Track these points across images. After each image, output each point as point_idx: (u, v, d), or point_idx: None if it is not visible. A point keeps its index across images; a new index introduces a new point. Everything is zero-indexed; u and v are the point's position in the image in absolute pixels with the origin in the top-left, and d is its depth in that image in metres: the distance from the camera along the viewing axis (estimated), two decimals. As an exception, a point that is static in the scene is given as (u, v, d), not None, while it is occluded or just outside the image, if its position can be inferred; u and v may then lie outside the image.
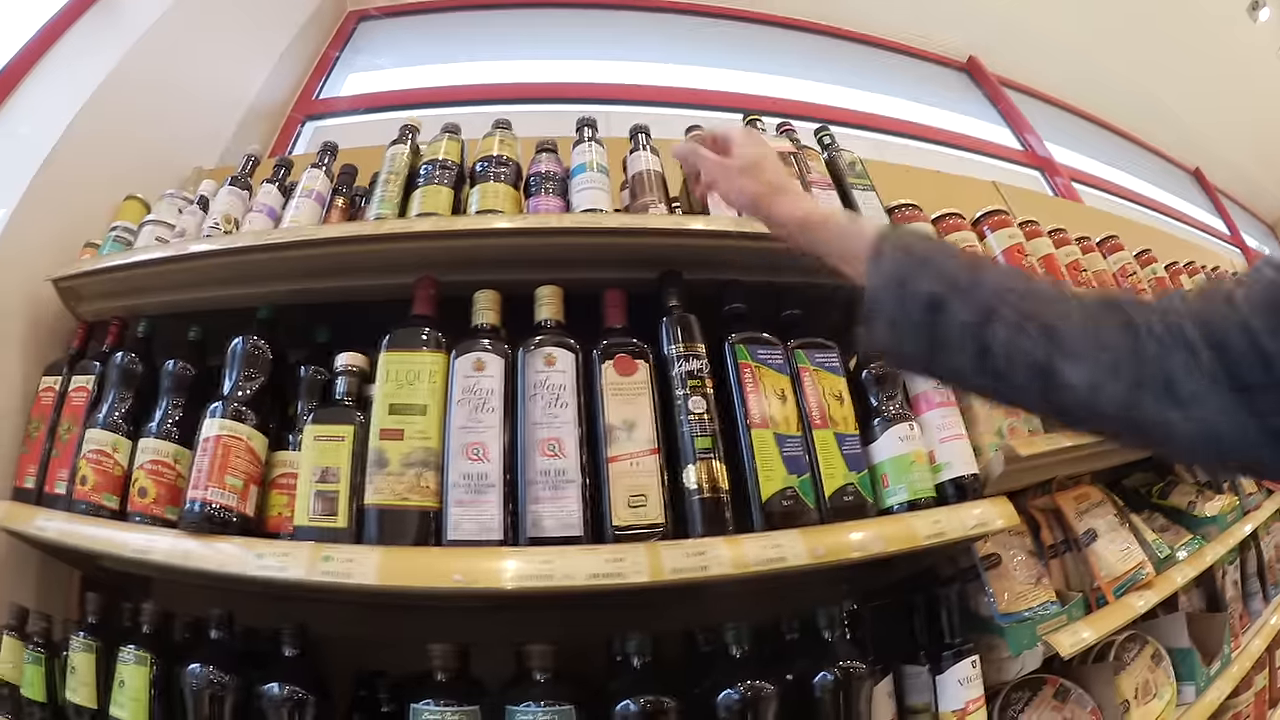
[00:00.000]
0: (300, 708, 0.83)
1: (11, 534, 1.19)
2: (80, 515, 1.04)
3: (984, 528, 0.86)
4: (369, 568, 0.75)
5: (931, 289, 0.53)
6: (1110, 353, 0.47)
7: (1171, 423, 0.45)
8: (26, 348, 1.29)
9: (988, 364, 0.50)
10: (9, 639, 1.16)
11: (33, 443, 1.22)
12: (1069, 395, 0.48)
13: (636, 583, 0.71)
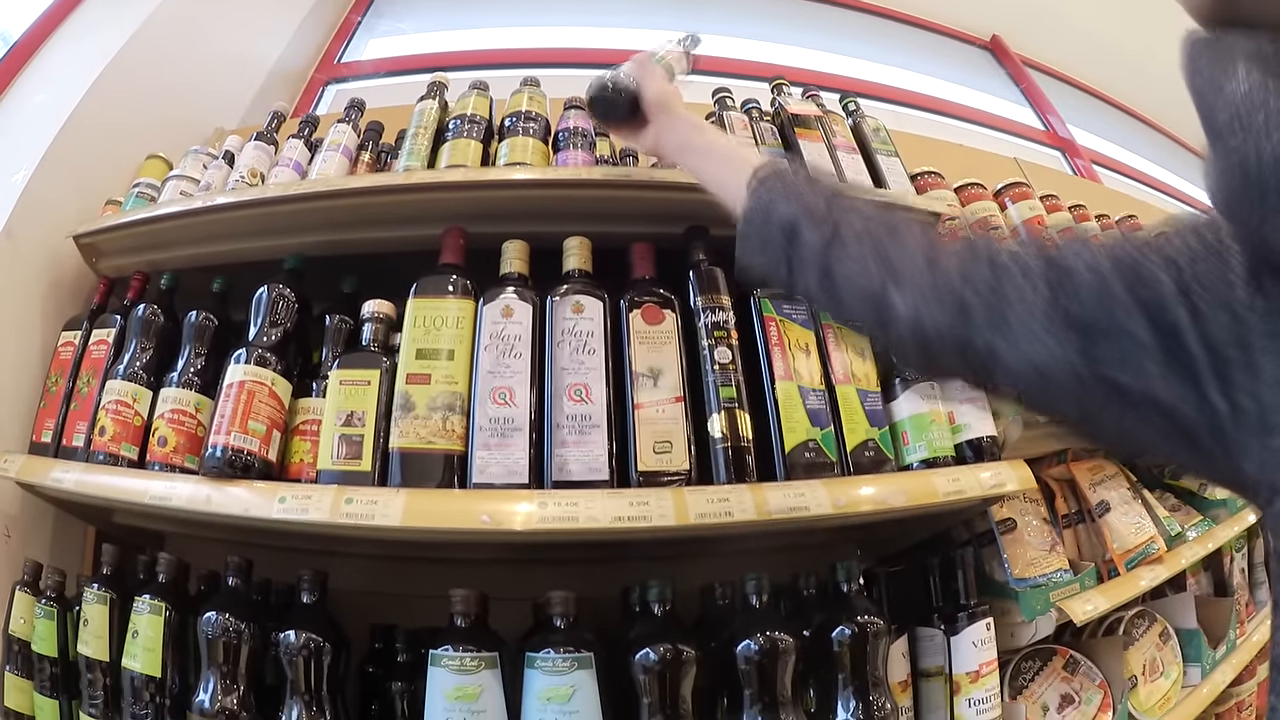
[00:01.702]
0: (317, 655, 0.83)
1: (27, 488, 1.19)
2: (98, 465, 1.04)
3: (1001, 488, 0.86)
4: (393, 509, 0.75)
5: (792, 214, 0.56)
6: (942, 278, 0.46)
7: (997, 351, 0.44)
8: (47, 305, 1.30)
9: (830, 287, 0.52)
10: (22, 595, 1.16)
11: (51, 397, 1.22)
12: (898, 323, 0.48)
13: (661, 526, 0.71)
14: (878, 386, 0.87)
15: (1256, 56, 0.35)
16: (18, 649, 1.15)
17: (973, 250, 0.47)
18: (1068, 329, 0.41)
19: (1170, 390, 0.39)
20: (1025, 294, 0.43)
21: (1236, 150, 0.34)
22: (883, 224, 0.53)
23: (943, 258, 0.47)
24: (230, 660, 0.87)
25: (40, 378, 1.26)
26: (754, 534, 0.82)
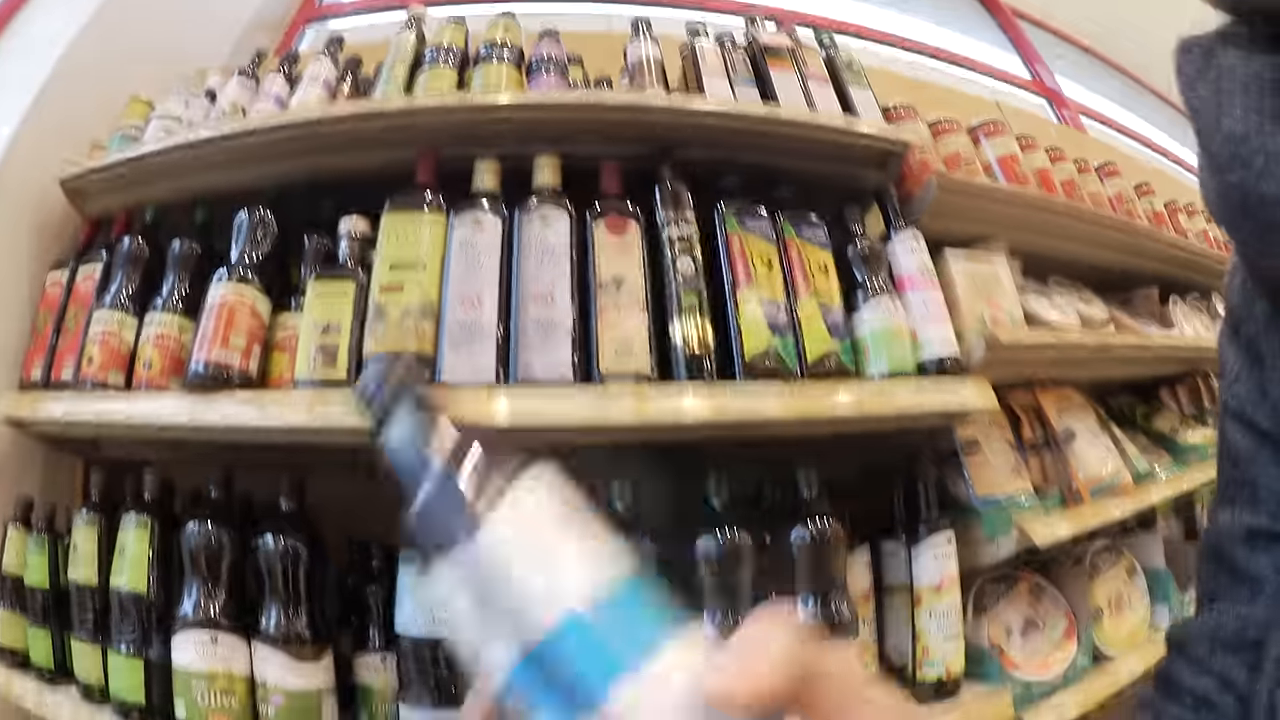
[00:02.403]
0: (295, 559, 0.89)
1: (17, 425, 1.25)
2: (86, 393, 1.10)
3: (962, 404, 0.91)
4: (366, 408, 0.80)
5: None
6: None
7: None
8: (35, 251, 1.36)
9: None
10: (14, 531, 1.22)
11: (40, 336, 1.28)
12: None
13: (621, 423, 0.76)
14: (840, 302, 0.92)
15: (1255, 88, 0.37)
16: (10, 586, 1.21)
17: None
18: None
19: None
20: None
21: (1236, 187, 0.37)
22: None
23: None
24: (212, 569, 0.93)
25: (28, 323, 1.33)
26: (717, 448, 0.88)
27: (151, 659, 0.97)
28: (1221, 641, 0.46)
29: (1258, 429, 0.45)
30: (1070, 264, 1.31)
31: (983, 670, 1.02)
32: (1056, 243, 1.26)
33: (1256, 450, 0.45)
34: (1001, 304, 1.04)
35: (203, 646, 0.90)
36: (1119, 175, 1.50)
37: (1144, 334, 1.33)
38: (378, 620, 0.89)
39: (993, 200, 1.11)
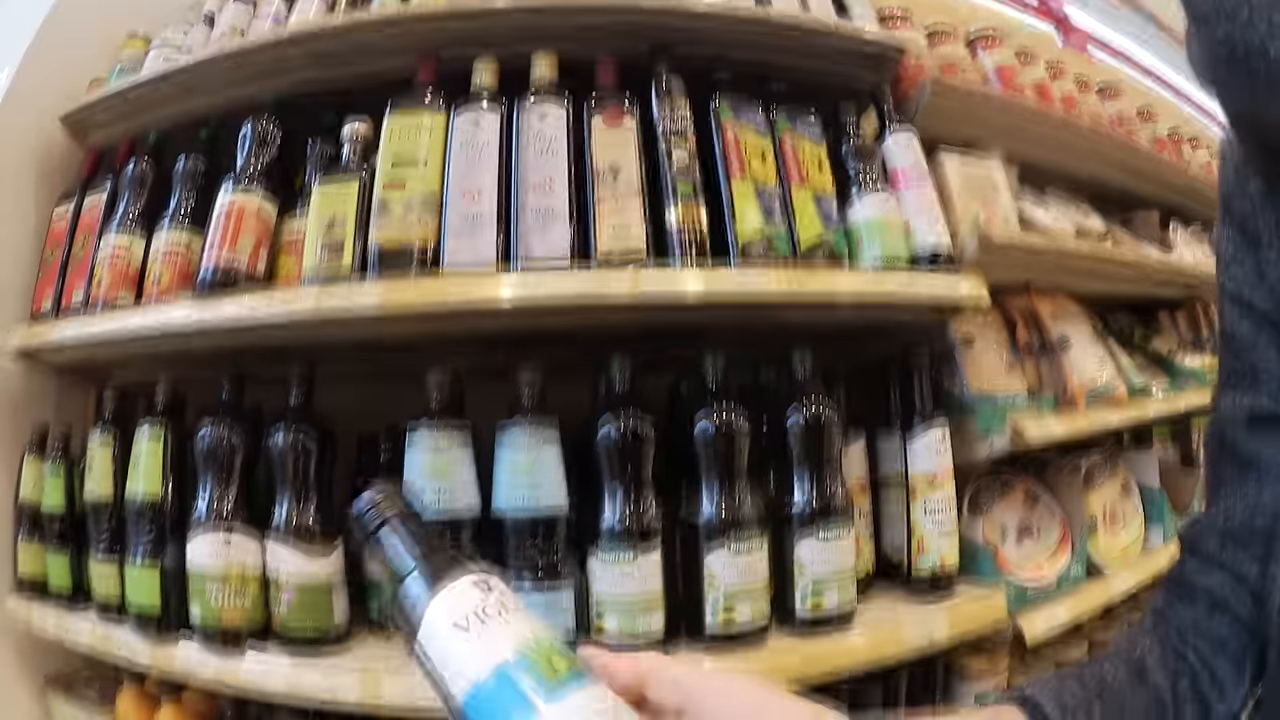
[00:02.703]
0: (305, 453, 0.93)
1: (29, 357, 1.29)
2: (97, 314, 1.13)
3: (954, 294, 0.94)
4: (372, 295, 0.84)
5: None
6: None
7: None
8: (40, 189, 1.39)
9: None
10: (30, 460, 1.26)
11: (49, 268, 1.32)
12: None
13: (618, 298, 0.80)
14: (833, 192, 0.95)
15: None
16: (28, 514, 1.25)
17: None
18: None
19: None
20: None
21: (1223, 42, 0.38)
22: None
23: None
24: (225, 470, 0.96)
25: (36, 258, 1.36)
26: (714, 334, 0.91)
27: (166, 566, 1.00)
28: (1231, 534, 0.47)
29: (1256, 311, 0.45)
30: (1069, 179, 1.33)
31: (977, 568, 1.05)
32: (1054, 155, 1.28)
33: (1255, 333, 0.46)
34: (996, 206, 1.07)
35: (216, 547, 0.94)
36: (1121, 97, 1.51)
37: (1141, 251, 1.35)
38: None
39: (988, 106, 1.13)
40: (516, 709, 0.34)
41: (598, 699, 0.35)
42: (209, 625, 0.94)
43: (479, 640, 0.36)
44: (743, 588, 0.83)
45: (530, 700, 0.33)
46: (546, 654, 0.35)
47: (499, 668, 0.35)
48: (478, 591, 0.38)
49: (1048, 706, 0.43)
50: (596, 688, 0.35)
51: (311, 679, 0.89)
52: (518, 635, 0.36)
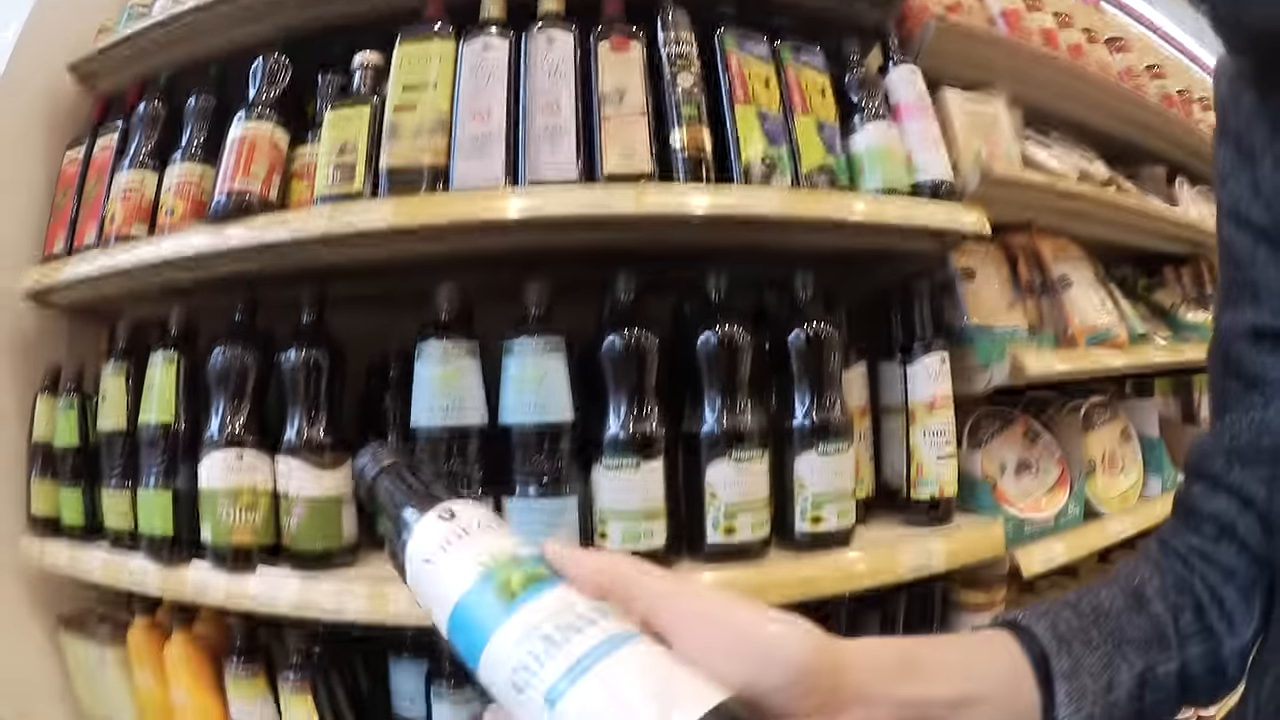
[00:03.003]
0: (316, 370, 0.96)
1: (42, 297, 1.33)
2: (110, 248, 1.17)
3: (955, 222, 0.97)
4: (383, 213, 0.87)
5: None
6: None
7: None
8: (50, 139, 1.42)
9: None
10: (43, 399, 1.30)
11: (60, 211, 1.35)
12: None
13: (623, 213, 0.83)
14: (836, 121, 0.98)
15: None
16: (41, 453, 1.29)
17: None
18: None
19: None
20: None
21: None
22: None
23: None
24: (237, 390, 1.00)
25: (47, 205, 1.40)
26: (720, 257, 0.94)
27: (179, 489, 1.04)
28: (1237, 453, 0.46)
29: (1253, 226, 0.45)
30: (1074, 128, 1.35)
31: (975, 502, 1.08)
32: (1060, 102, 1.30)
33: (1254, 248, 0.45)
34: (999, 143, 1.09)
35: (228, 465, 0.97)
36: (1130, 52, 1.53)
37: (1146, 200, 1.37)
38: (395, 427, 0.97)
39: (993, 48, 1.16)
40: (480, 631, 0.34)
41: (555, 607, 0.34)
42: (220, 544, 0.97)
43: (443, 572, 0.36)
44: (743, 501, 0.86)
45: (488, 620, 0.34)
46: (504, 570, 0.35)
47: (461, 595, 0.35)
48: (441, 524, 0.38)
49: (1042, 635, 0.41)
50: (553, 594, 0.34)
51: (320, 594, 0.92)
52: (474, 558, 0.36)
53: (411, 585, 0.38)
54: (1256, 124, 0.45)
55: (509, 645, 0.33)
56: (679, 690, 0.30)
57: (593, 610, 0.34)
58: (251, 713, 1.06)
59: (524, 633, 0.33)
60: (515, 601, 0.34)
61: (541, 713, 0.31)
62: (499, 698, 0.34)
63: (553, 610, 0.33)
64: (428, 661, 1.00)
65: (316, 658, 1.04)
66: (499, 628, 0.33)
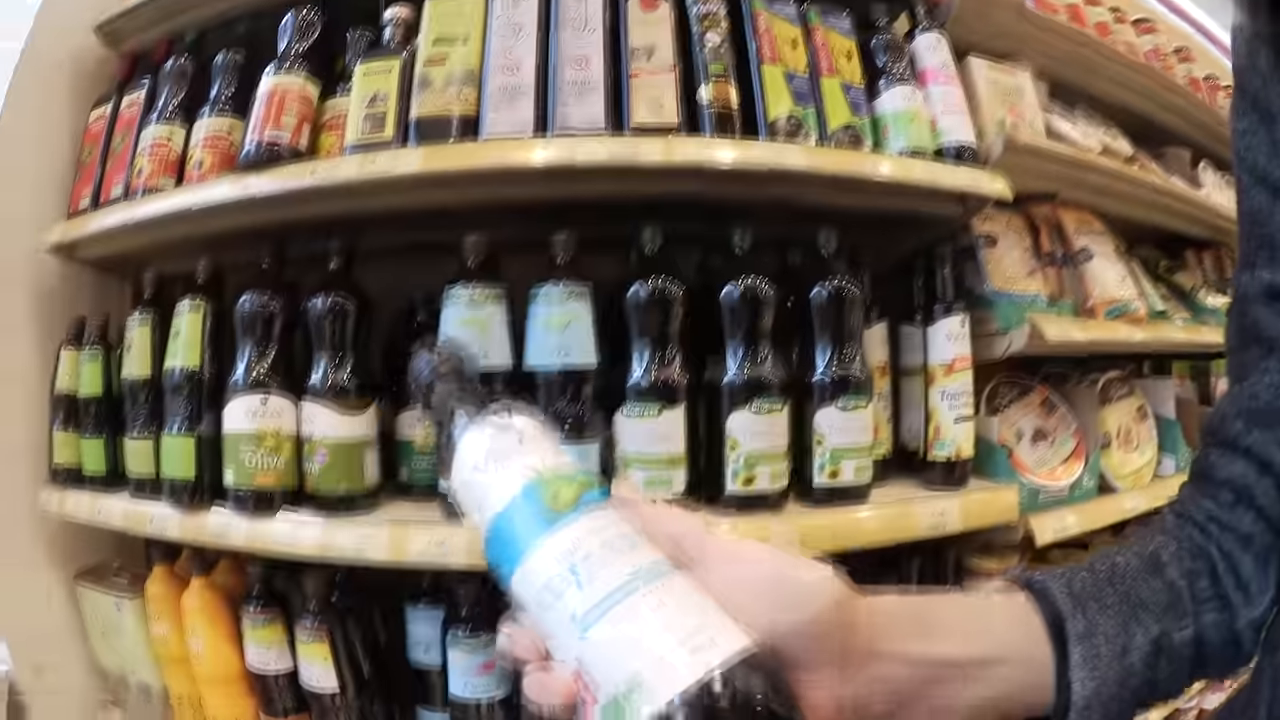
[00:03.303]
0: (342, 315, 0.99)
1: (67, 251, 1.36)
2: (138, 200, 1.20)
3: (978, 186, 0.99)
4: (413, 160, 0.90)
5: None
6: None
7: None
8: (74, 99, 1.45)
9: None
10: (67, 351, 1.32)
11: (86, 167, 1.38)
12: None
13: (650, 164, 0.85)
14: (862, 84, 1.00)
15: None
16: (64, 405, 1.32)
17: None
18: None
19: None
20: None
21: None
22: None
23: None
24: (264, 334, 1.02)
25: (73, 165, 1.43)
26: (745, 212, 0.96)
27: (202, 434, 1.06)
28: (1255, 415, 0.45)
29: (1271, 184, 0.45)
30: (1099, 103, 1.37)
31: (992, 466, 1.10)
32: (1085, 78, 1.32)
33: (1272, 206, 0.46)
34: (1023, 113, 1.11)
35: (252, 409, 1.00)
36: (1158, 33, 1.55)
37: (1169, 180, 1.39)
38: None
39: (1019, 18, 1.17)
40: (520, 542, 0.34)
41: (600, 527, 0.34)
42: (242, 488, 0.99)
43: (492, 481, 0.36)
44: (763, 452, 0.89)
45: (530, 532, 0.34)
46: (553, 483, 0.35)
47: (506, 504, 0.35)
48: (495, 432, 0.38)
49: (1057, 595, 0.41)
50: (599, 514, 0.34)
51: (341, 537, 0.95)
52: (525, 468, 0.36)
53: (456, 490, 0.39)
54: (1273, 82, 0.45)
55: (548, 560, 0.33)
56: (713, 633, 0.31)
57: (636, 536, 0.34)
58: (268, 660, 1.09)
59: (566, 549, 0.33)
60: (561, 517, 0.34)
61: (572, 633, 0.32)
62: (529, 612, 0.34)
63: (597, 530, 0.33)
64: (445, 609, 1.03)
65: (334, 605, 1.07)
66: (540, 541, 0.33)
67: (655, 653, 0.30)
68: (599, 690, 0.31)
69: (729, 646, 0.30)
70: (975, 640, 0.38)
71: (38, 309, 1.39)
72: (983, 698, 0.38)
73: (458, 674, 1.00)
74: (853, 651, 0.35)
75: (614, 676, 0.30)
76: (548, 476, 0.36)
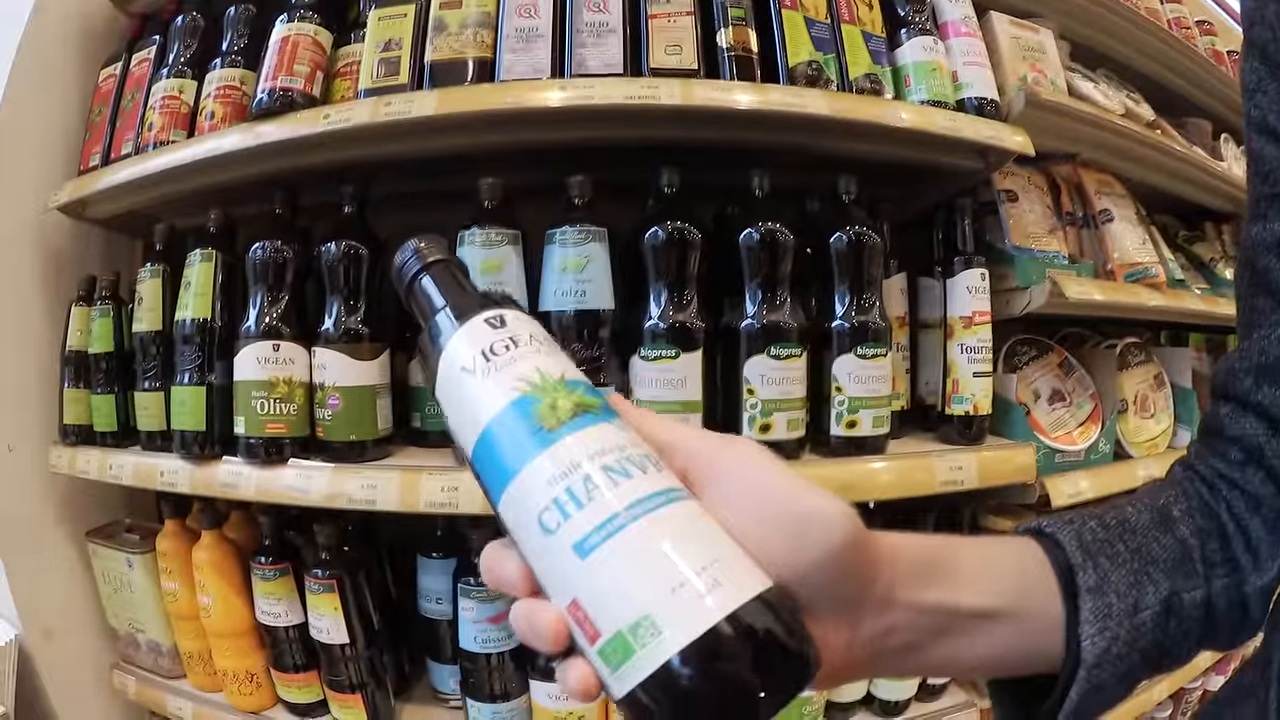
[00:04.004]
0: (355, 260, 0.98)
1: (77, 209, 1.35)
2: (149, 153, 1.20)
3: (999, 140, 0.98)
4: (428, 103, 0.89)
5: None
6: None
7: None
8: (83, 61, 1.44)
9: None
10: (78, 309, 1.32)
11: (96, 126, 1.37)
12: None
13: (669, 105, 0.85)
14: (884, 32, 0.99)
15: None
16: (74, 363, 1.31)
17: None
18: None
19: None
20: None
21: None
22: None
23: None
24: (276, 281, 1.01)
25: (83, 125, 1.42)
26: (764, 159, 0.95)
27: (213, 383, 1.06)
28: (1266, 370, 0.44)
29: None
30: (1122, 68, 1.35)
31: (1009, 424, 1.10)
32: (1108, 41, 1.30)
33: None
34: (1045, 71, 1.10)
35: (264, 357, 0.99)
36: (1181, 2, 1.53)
37: (1191, 148, 1.38)
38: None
39: (1040, -25, 1.16)
40: (511, 457, 0.31)
41: (603, 444, 0.31)
42: (253, 436, 0.99)
43: (480, 385, 0.33)
44: (780, 400, 0.88)
45: (524, 447, 0.31)
46: (551, 393, 0.32)
47: (498, 413, 0.32)
48: (487, 329, 0.34)
49: (1068, 544, 0.40)
50: (602, 428, 0.31)
51: (352, 485, 0.94)
52: (518, 374, 0.33)
53: (440, 397, 0.35)
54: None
55: (543, 479, 0.30)
56: (727, 569, 0.28)
57: (643, 456, 0.31)
58: (278, 613, 1.09)
59: (564, 468, 0.30)
60: (558, 430, 0.30)
61: (568, 561, 0.29)
62: (518, 537, 0.31)
63: (600, 448, 0.30)
64: (456, 559, 1.03)
65: (344, 554, 1.06)
66: (534, 457, 0.30)
67: (666, 588, 0.27)
68: (600, 624, 0.28)
69: (745, 585, 0.28)
70: (989, 592, 0.37)
71: (47, 269, 1.38)
72: (989, 652, 0.37)
73: (468, 625, 1.00)
74: (869, 597, 0.34)
75: (618, 612, 0.28)
76: (549, 383, 0.32)
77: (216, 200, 1.19)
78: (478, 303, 0.36)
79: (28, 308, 1.36)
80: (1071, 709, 0.38)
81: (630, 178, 0.92)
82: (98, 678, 1.31)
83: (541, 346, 0.34)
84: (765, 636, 0.28)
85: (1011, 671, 0.40)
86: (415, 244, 0.39)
